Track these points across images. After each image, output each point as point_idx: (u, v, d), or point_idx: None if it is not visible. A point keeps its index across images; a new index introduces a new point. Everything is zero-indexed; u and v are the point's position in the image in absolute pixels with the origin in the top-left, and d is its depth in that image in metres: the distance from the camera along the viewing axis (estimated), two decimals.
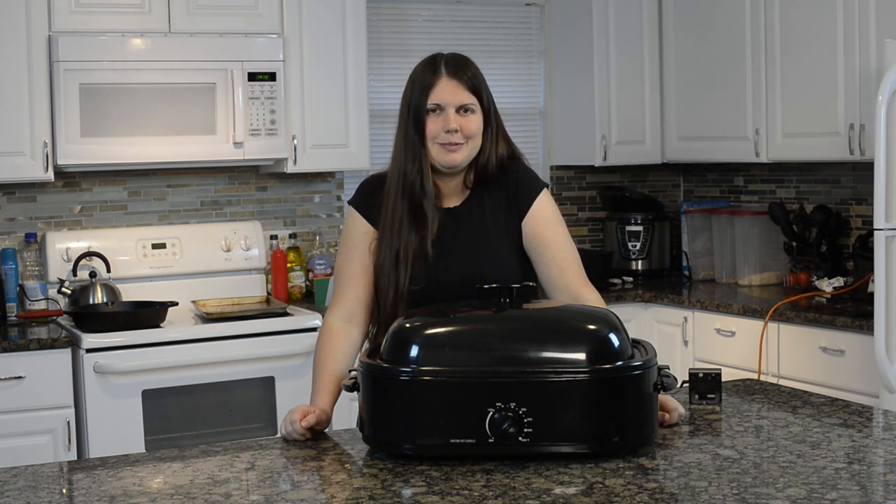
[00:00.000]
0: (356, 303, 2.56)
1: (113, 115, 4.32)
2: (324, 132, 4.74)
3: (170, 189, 4.86)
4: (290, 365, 4.29)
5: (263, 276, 4.87)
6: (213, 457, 2.25)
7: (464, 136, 2.49)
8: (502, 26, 5.49)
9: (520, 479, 2.00)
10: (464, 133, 2.49)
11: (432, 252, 2.49)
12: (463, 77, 2.50)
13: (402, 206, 2.51)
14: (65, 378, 4.03)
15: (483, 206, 2.56)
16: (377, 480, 2.04)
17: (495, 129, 2.56)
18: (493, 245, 2.53)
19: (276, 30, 4.63)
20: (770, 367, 4.33)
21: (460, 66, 2.52)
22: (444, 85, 2.49)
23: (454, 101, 2.48)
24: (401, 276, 2.49)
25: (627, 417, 2.12)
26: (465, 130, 2.49)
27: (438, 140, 2.49)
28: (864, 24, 4.26)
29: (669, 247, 5.52)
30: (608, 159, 5.31)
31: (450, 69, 2.50)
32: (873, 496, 1.89)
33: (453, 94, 2.48)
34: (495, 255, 2.52)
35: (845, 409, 2.50)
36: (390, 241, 2.51)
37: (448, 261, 2.50)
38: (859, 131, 4.29)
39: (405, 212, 2.51)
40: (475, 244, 2.53)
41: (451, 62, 2.52)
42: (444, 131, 2.48)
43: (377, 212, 2.56)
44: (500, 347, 2.13)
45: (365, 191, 2.62)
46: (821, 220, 4.79)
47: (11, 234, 4.60)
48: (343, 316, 2.55)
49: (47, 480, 2.13)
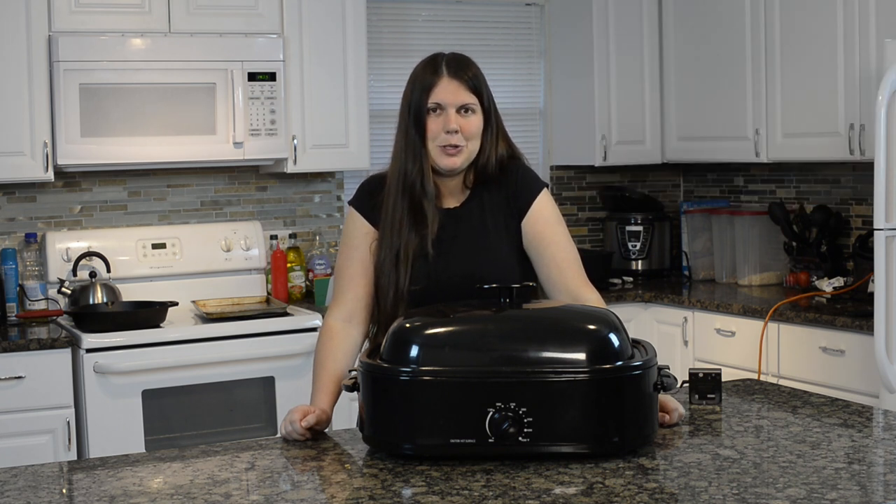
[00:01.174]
0: (356, 303, 2.56)
1: (113, 115, 4.32)
2: (324, 132, 4.74)
3: (170, 189, 4.86)
4: (290, 365, 4.29)
5: (263, 276, 4.87)
6: (213, 457, 2.25)
7: (464, 136, 2.49)
8: (502, 26, 5.49)
9: (520, 479, 2.00)
10: (464, 134, 2.49)
11: (432, 252, 2.50)
12: (464, 77, 2.50)
13: (403, 206, 2.51)
14: (65, 378, 4.03)
15: (483, 206, 2.56)
16: (377, 480, 2.04)
17: (495, 130, 2.56)
18: (493, 245, 2.53)
19: (276, 30, 4.63)
20: (770, 367, 4.33)
21: (461, 66, 2.52)
22: (444, 85, 2.49)
23: (455, 101, 2.48)
24: (401, 275, 2.49)
25: (627, 417, 2.12)
26: (466, 131, 2.49)
27: (438, 141, 2.49)
28: (864, 24, 4.26)
29: (669, 247, 5.52)
30: (608, 159, 5.31)
31: (451, 69, 2.50)
32: (873, 496, 1.89)
33: (454, 94, 2.48)
34: (495, 254, 2.52)
35: (845, 409, 2.50)
36: (390, 240, 2.51)
37: (448, 261, 2.50)
38: (859, 131, 4.29)
39: (405, 211, 2.51)
40: (475, 244, 2.53)
41: (453, 62, 2.52)
42: (444, 131, 2.48)
43: (377, 212, 2.56)
44: (500, 347, 2.13)
45: (365, 191, 2.62)
46: (821, 220, 4.79)
47: (11, 234, 4.60)
48: (343, 316, 2.55)
49: (47, 480, 2.13)
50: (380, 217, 2.55)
